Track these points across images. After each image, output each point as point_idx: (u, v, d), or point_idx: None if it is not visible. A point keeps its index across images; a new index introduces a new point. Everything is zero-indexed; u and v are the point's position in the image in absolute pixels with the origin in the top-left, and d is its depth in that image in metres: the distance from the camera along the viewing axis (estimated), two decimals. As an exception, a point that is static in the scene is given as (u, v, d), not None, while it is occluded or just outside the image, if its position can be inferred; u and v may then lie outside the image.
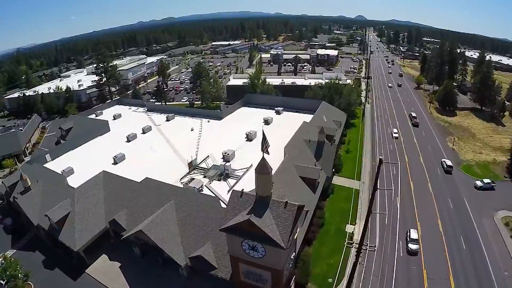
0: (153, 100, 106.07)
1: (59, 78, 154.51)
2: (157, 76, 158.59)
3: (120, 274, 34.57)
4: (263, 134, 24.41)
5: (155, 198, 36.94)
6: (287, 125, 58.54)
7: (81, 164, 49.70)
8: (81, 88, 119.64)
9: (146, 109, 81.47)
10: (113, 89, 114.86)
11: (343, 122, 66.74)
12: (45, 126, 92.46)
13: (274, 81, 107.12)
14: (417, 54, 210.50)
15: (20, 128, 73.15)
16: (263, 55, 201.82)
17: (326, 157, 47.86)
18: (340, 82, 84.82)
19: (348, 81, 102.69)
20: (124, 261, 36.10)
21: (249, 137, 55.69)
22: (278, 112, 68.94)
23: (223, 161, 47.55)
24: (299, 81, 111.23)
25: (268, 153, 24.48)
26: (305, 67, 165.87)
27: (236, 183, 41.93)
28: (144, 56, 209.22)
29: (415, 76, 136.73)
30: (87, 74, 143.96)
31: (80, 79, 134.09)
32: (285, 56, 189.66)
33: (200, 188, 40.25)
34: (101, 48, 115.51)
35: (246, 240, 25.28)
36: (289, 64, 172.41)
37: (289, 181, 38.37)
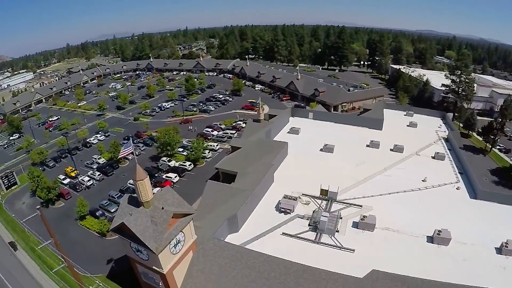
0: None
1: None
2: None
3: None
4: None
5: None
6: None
7: (312, 135, 60.10)
8: (439, 87, 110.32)
9: (439, 126, 67.86)
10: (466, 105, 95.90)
11: None
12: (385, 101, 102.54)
13: None
14: None
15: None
16: None
17: None
18: None
19: None
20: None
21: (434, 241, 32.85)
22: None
23: (360, 219, 35.70)
24: None
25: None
26: None
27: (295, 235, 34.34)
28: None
29: None
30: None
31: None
32: None
33: (286, 210, 37.78)
34: (464, 53, 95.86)
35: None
36: None
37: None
